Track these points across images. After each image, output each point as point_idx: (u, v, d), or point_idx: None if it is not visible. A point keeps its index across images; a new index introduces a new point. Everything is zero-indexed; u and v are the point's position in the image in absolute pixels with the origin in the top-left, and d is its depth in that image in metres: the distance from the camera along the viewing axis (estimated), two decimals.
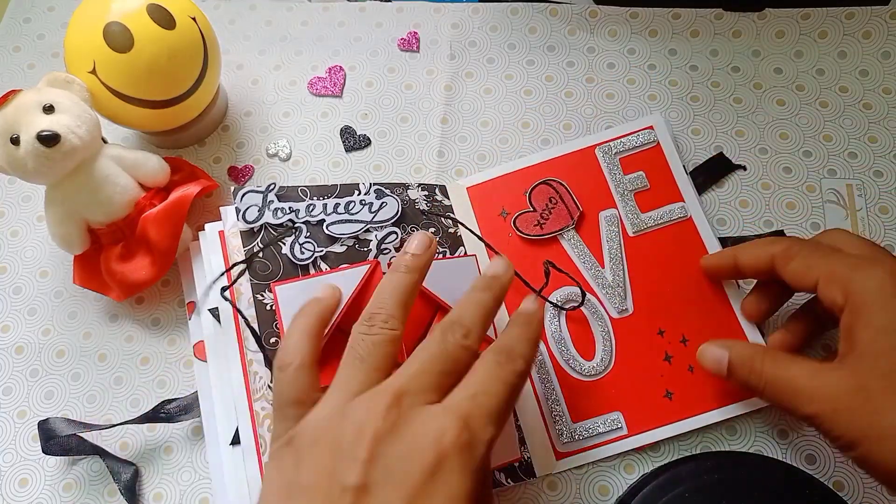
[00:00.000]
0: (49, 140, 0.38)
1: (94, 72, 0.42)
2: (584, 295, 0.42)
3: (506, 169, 0.47)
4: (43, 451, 0.40)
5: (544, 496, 0.39)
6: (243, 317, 0.39)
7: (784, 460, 0.39)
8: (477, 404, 0.29)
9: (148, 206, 0.43)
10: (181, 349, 0.44)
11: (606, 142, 0.47)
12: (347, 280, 0.39)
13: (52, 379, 0.44)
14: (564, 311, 0.43)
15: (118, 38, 0.41)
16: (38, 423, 0.41)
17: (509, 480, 0.39)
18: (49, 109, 0.40)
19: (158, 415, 0.41)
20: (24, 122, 0.39)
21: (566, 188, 0.45)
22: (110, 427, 0.41)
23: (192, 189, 0.44)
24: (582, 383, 0.41)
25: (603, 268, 0.44)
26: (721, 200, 0.46)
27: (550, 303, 0.43)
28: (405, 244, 0.36)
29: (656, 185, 0.46)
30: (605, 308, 0.43)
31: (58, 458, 0.42)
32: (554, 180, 0.46)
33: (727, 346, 0.39)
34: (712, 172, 0.47)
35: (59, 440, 0.40)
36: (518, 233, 0.45)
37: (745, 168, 0.47)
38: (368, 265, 0.40)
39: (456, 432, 0.28)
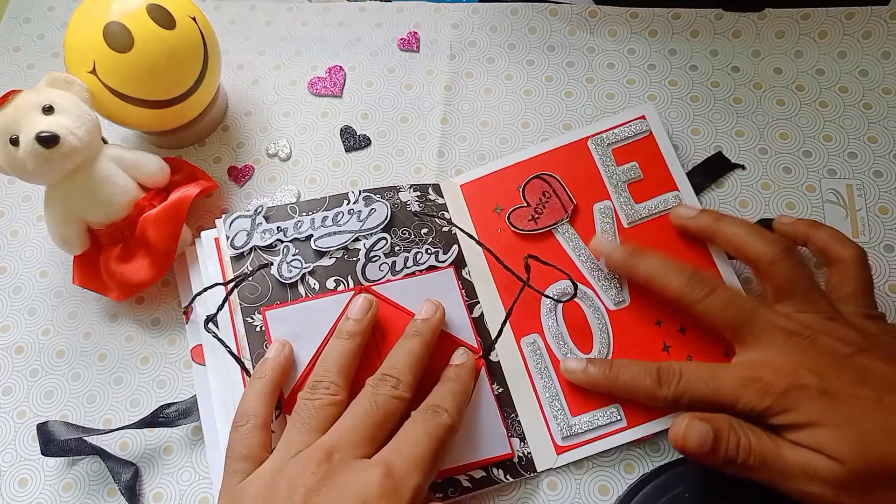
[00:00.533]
0: (48, 141, 0.38)
1: (94, 72, 0.42)
2: (575, 286, 0.42)
3: (499, 165, 0.47)
4: (42, 454, 0.40)
5: (544, 496, 0.39)
6: (228, 348, 0.40)
7: None
8: (401, 454, 0.33)
9: (148, 207, 0.43)
10: (181, 349, 0.44)
11: (598, 133, 0.47)
12: (332, 305, 0.41)
13: (52, 379, 0.44)
14: (561, 305, 0.43)
15: (118, 38, 0.41)
16: (37, 426, 0.41)
17: (508, 476, 0.39)
18: (49, 110, 0.40)
19: (157, 419, 0.41)
20: (23, 123, 0.39)
21: (559, 181, 0.46)
22: (108, 432, 0.41)
23: (191, 190, 0.44)
24: None
25: (598, 260, 0.44)
26: (721, 200, 0.46)
27: (546, 296, 0.43)
28: (347, 310, 0.40)
29: (650, 175, 0.45)
30: (601, 300, 0.43)
31: (58, 458, 0.42)
32: (547, 174, 0.46)
33: (705, 418, 0.35)
34: (711, 172, 0.47)
35: (58, 441, 0.40)
36: (513, 228, 0.45)
37: (744, 167, 0.47)
38: (352, 291, 0.41)
39: (379, 480, 0.31)
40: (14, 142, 0.39)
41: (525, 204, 0.45)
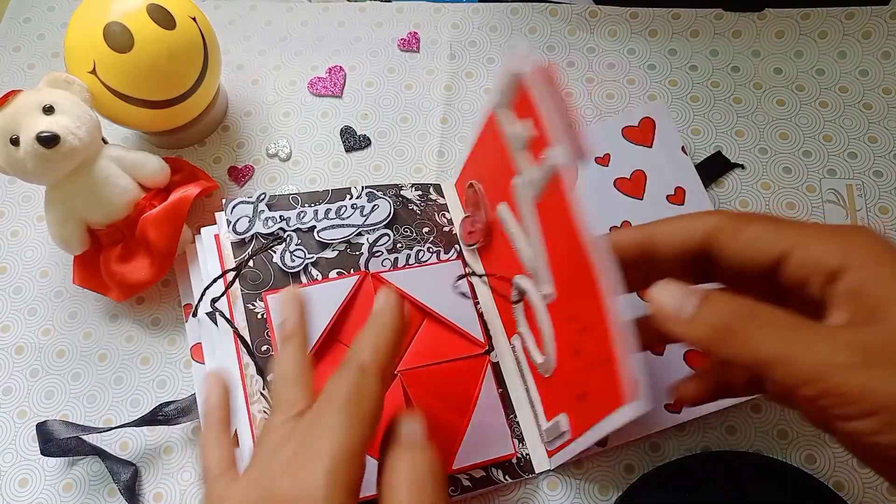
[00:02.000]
0: (48, 141, 0.38)
1: (94, 72, 0.42)
2: (512, 286, 0.38)
3: None
4: (42, 453, 0.40)
5: (544, 496, 0.39)
6: (234, 327, 0.39)
7: (784, 460, 0.39)
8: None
9: (148, 207, 0.43)
10: (181, 349, 0.44)
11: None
12: (337, 290, 0.41)
13: (52, 379, 0.44)
14: (520, 305, 0.39)
15: (118, 38, 0.41)
16: (37, 426, 0.41)
17: (507, 477, 0.39)
18: (49, 110, 0.40)
19: (156, 417, 0.41)
20: (23, 123, 0.39)
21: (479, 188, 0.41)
22: (108, 430, 0.41)
23: (191, 190, 0.44)
24: (546, 380, 0.38)
25: (528, 246, 0.36)
26: (721, 200, 0.46)
27: (514, 302, 0.40)
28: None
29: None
30: (537, 293, 0.36)
31: (58, 458, 0.42)
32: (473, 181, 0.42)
33: (694, 289, 0.26)
34: (711, 172, 0.47)
35: (58, 441, 0.40)
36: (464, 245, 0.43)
37: (743, 167, 0.47)
38: (358, 276, 0.41)
39: None
40: (14, 142, 0.39)
41: (468, 213, 0.43)
